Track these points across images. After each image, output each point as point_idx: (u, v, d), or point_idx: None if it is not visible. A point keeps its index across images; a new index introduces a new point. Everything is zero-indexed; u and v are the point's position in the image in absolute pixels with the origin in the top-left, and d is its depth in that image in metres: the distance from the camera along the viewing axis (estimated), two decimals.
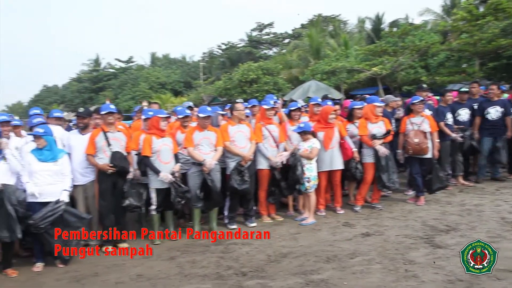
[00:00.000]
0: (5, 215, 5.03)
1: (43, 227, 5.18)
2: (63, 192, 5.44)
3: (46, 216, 5.20)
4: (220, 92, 27.59)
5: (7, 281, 5.14)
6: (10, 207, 5.05)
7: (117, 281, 4.94)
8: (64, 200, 5.42)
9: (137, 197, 5.95)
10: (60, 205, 5.34)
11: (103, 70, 55.92)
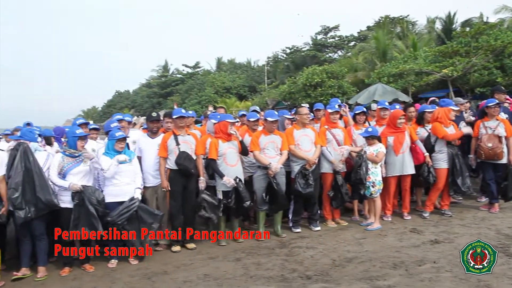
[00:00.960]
0: (86, 213, 5.39)
1: (120, 223, 5.49)
2: (136, 190, 5.75)
3: (122, 213, 5.53)
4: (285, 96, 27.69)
5: (85, 275, 5.49)
6: (90, 206, 5.40)
7: (185, 280, 5.12)
8: (138, 197, 5.73)
9: (211, 210, 6.12)
10: (134, 202, 5.65)
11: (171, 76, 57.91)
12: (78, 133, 5.56)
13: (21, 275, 5.39)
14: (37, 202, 5.17)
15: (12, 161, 5.16)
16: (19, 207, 5.11)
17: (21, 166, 5.15)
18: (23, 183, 5.13)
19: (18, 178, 5.12)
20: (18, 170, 5.14)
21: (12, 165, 5.14)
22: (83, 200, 5.39)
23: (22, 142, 5.32)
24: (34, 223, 5.30)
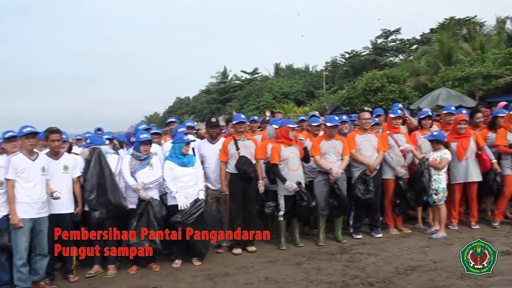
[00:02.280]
0: (146, 226, 5.63)
1: (190, 223, 5.67)
2: (200, 192, 5.93)
3: (191, 213, 5.71)
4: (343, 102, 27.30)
5: (151, 274, 5.72)
6: (153, 219, 5.65)
7: (247, 282, 5.21)
8: (203, 198, 5.92)
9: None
10: (200, 203, 5.85)
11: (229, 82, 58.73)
12: (142, 138, 5.81)
13: (94, 272, 5.71)
14: (108, 204, 5.46)
15: (88, 165, 5.49)
16: (94, 208, 5.44)
17: (95, 170, 5.48)
18: (97, 185, 5.45)
19: (93, 181, 5.46)
20: (93, 173, 5.47)
21: (88, 169, 5.47)
22: (148, 211, 5.66)
23: (96, 147, 5.65)
24: (106, 223, 5.60)
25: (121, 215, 5.68)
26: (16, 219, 4.95)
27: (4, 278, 5.17)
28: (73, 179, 5.56)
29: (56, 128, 5.40)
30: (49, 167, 5.28)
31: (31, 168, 5.07)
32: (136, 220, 5.61)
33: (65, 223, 5.48)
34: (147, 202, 5.68)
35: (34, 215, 5.07)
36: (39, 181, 5.13)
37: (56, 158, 5.45)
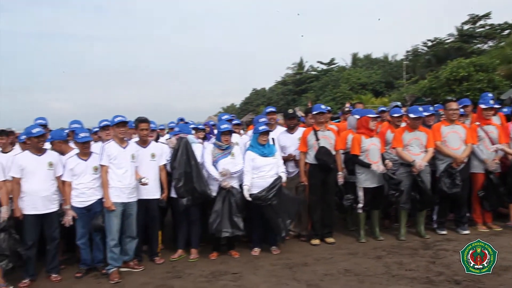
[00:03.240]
0: (228, 212, 5.76)
1: (271, 197, 5.76)
2: (281, 174, 6.01)
3: (270, 187, 5.81)
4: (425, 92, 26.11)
5: (231, 260, 5.88)
6: (233, 204, 5.78)
7: (326, 273, 5.19)
8: (283, 176, 5.99)
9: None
10: (279, 178, 5.93)
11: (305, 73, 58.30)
12: (223, 128, 5.95)
13: (178, 256, 5.98)
14: (194, 191, 5.67)
15: (176, 154, 5.72)
16: (182, 195, 5.67)
17: (183, 159, 5.70)
18: (184, 174, 5.67)
19: (181, 169, 5.68)
20: (180, 162, 5.69)
21: (176, 158, 5.71)
22: (229, 198, 5.80)
23: (183, 136, 5.87)
24: (191, 210, 5.83)
25: (205, 202, 5.87)
26: (109, 202, 5.30)
27: (98, 257, 5.58)
28: (160, 166, 5.84)
29: (144, 117, 5.68)
30: (138, 154, 5.58)
31: (122, 155, 5.38)
32: (218, 207, 5.76)
33: (152, 208, 5.78)
34: (228, 190, 5.82)
35: (125, 200, 5.39)
36: (129, 167, 5.44)
37: (145, 146, 5.74)
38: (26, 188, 5.23)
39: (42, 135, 5.36)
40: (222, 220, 5.71)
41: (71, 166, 5.43)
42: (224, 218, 5.72)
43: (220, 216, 5.72)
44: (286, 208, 5.89)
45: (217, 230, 5.71)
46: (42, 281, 5.40)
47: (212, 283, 5.07)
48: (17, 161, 5.27)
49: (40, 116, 6.60)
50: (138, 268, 5.63)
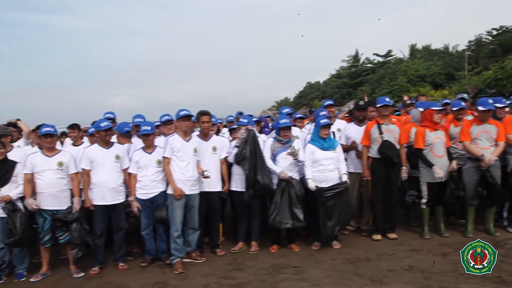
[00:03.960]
0: (288, 204, 5.75)
1: (327, 196, 5.74)
2: (343, 176, 5.92)
3: (332, 187, 5.78)
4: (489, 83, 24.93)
5: (291, 254, 5.88)
6: (293, 195, 5.76)
7: (389, 269, 5.07)
8: (347, 181, 5.91)
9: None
10: (344, 183, 5.86)
11: (361, 66, 57.21)
12: (282, 124, 5.92)
13: (238, 249, 6.05)
14: (256, 184, 5.70)
15: (244, 145, 5.77)
16: (249, 187, 5.73)
17: (250, 150, 5.74)
18: (251, 165, 5.72)
19: (251, 160, 5.72)
20: (248, 153, 5.74)
21: (244, 148, 5.76)
22: (289, 190, 5.77)
23: (251, 128, 5.91)
24: (253, 202, 5.88)
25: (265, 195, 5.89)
26: (178, 190, 5.42)
27: (162, 248, 5.75)
28: (221, 159, 5.92)
29: (206, 110, 5.77)
30: (200, 148, 5.68)
31: (185, 149, 5.50)
32: (277, 198, 5.76)
33: (213, 200, 5.87)
34: (287, 181, 5.80)
35: (187, 192, 5.50)
36: (191, 160, 5.55)
37: (206, 140, 5.83)
38: (95, 180, 5.47)
39: (110, 129, 5.58)
40: (282, 212, 5.71)
41: (136, 159, 5.62)
42: (284, 210, 5.71)
43: (280, 207, 5.71)
44: (339, 214, 5.81)
45: (277, 221, 5.71)
46: (110, 269, 5.63)
47: (274, 276, 5.08)
48: (87, 153, 5.51)
49: (109, 111, 6.87)
50: (200, 259, 5.74)
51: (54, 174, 5.33)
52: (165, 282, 5.12)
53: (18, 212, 5.28)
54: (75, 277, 5.43)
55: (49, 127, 5.44)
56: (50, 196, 5.32)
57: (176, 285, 5.02)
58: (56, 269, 5.71)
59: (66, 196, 5.43)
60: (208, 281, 5.05)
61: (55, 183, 5.33)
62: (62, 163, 5.39)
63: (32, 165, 5.32)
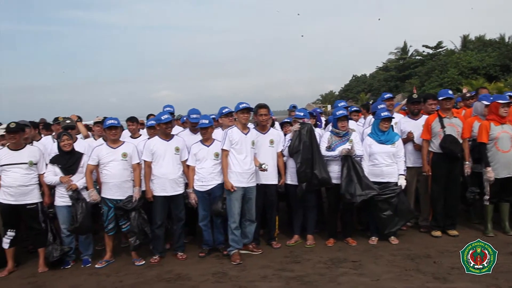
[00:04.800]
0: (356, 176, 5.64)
1: (382, 199, 5.70)
2: (400, 177, 5.80)
3: (385, 192, 5.72)
4: None
5: (348, 248, 5.82)
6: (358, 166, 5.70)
7: (453, 266, 4.92)
8: (402, 184, 5.79)
9: None
10: (396, 188, 5.76)
11: (409, 58, 55.60)
12: (339, 114, 5.86)
13: (294, 242, 6.06)
14: (312, 177, 5.67)
15: (299, 138, 5.75)
16: (302, 180, 5.71)
17: (306, 144, 5.71)
18: (306, 159, 5.69)
19: (304, 154, 5.70)
20: (304, 147, 5.71)
21: (299, 142, 5.74)
22: (353, 163, 5.69)
23: (307, 122, 5.89)
24: (309, 196, 5.86)
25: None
26: (228, 184, 5.49)
27: (220, 239, 5.84)
28: (277, 153, 5.93)
29: (264, 103, 5.79)
30: (257, 141, 5.71)
31: (243, 141, 5.54)
32: (345, 174, 5.70)
33: (270, 193, 5.89)
34: (348, 156, 5.71)
35: (245, 184, 5.55)
36: (249, 153, 5.59)
37: (264, 133, 5.86)
38: (156, 171, 5.61)
39: (170, 122, 5.70)
40: (352, 186, 5.62)
41: (195, 151, 5.72)
42: (354, 183, 5.62)
43: (350, 182, 5.63)
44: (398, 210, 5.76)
45: (351, 196, 5.62)
46: (169, 258, 5.78)
47: (332, 270, 5.06)
48: (148, 145, 5.66)
49: (168, 104, 7.02)
50: (257, 251, 5.79)
51: (118, 165, 5.52)
52: (224, 272, 5.20)
53: (81, 200, 5.50)
54: (137, 264, 5.61)
55: (113, 119, 5.63)
56: (114, 186, 5.52)
57: (235, 275, 5.09)
58: (119, 257, 5.91)
59: (130, 186, 5.61)
60: (266, 273, 5.09)
61: (119, 173, 5.52)
62: (126, 154, 5.57)
63: (98, 156, 5.52)
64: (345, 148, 5.67)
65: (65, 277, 5.39)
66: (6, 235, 5.49)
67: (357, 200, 5.62)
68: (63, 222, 5.59)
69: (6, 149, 5.50)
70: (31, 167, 5.47)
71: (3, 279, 5.39)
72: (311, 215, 6.01)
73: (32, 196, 5.49)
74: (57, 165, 5.54)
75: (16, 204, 5.41)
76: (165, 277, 5.15)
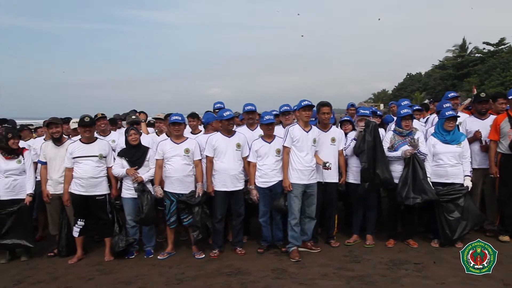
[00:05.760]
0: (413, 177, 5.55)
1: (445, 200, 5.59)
2: (465, 178, 5.64)
3: (448, 193, 5.59)
4: None
5: (409, 249, 5.70)
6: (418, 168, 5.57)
7: None
8: (468, 185, 5.63)
9: None
10: (463, 189, 5.59)
11: (468, 56, 53.45)
12: (403, 113, 5.74)
13: (353, 241, 6.00)
14: (375, 177, 5.59)
15: (363, 137, 5.68)
16: (365, 180, 5.66)
17: (370, 143, 5.64)
18: (370, 158, 5.63)
19: (368, 153, 5.63)
20: (368, 146, 5.64)
21: (363, 140, 5.68)
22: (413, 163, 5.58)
23: (372, 120, 5.82)
24: (370, 195, 5.80)
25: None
26: (287, 182, 5.52)
27: (278, 236, 5.88)
28: (338, 151, 5.88)
29: (326, 101, 5.76)
30: (319, 138, 5.69)
31: (304, 139, 5.54)
32: (404, 174, 5.62)
33: (330, 191, 5.87)
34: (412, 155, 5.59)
35: (305, 181, 5.56)
36: (310, 151, 5.58)
37: (325, 131, 5.83)
38: (217, 167, 5.71)
39: (232, 118, 5.79)
40: (410, 187, 5.51)
41: (256, 148, 5.77)
42: (411, 185, 5.51)
43: (407, 183, 5.53)
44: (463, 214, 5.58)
45: (406, 197, 5.51)
46: (228, 253, 5.87)
47: (394, 271, 4.97)
48: (210, 141, 5.77)
49: (218, 101, 7.14)
50: (315, 249, 5.78)
51: (181, 160, 5.67)
52: (283, 269, 5.22)
53: (146, 192, 5.70)
54: (197, 258, 5.73)
55: (178, 115, 5.79)
56: (177, 181, 5.67)
57: (295, 272, 5.10)
58: (179, 249, 6.07)
59: (191, 181, 5.75)
60: (326, 271, 5.07)
61: (182, 168, 5.67)
62: (188, 149, 5.71)
63: (163, 151, 5.70)
64: (408, 150, 5.55)
65: (130, 266, 5.60)
66: (76, 224, 5.77)
67: (410, 203, 5.51)
68: (129, 214, 5.82)
69: (79, 142, 5.78)
70: (101, 160, 5.72)
71: (74, 266, 5.68)
72: (372, 215, 5.94)
73: (101, 188, 5.75)
74: (125, 158, 5.77)
75: (86, 195, 5.68)
76: (225, 271, 5.23)
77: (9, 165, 5.81)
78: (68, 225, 5.90)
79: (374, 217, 5.95)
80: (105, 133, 6.79)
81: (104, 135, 6.68)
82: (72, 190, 5.70)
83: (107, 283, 5.05)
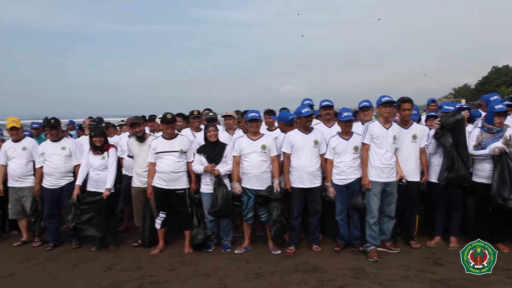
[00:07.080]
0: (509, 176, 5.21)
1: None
2: None
3: None
4: None
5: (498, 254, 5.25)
6: None
7: None
8: None
9: None
10: None
11: None
12: (497, 109, 5.39)
13: (435, 243, 5.74)
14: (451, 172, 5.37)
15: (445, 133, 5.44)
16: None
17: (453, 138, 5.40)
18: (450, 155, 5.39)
19: (452, 149, 5.40)
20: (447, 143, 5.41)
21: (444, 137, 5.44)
22: (507, 163, 5.26)
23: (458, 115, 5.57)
24: (455, 195, 5.54)
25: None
26: (366, 180, 5.41)
27: (355, 234, 5.77)
28: (420, 148, 5.65)
29: (408, 97, 5.56)
30: (399, 135, 5.51)
31: (384, 136, 5.39)
32: (497, 174, 5.29)
33: (411, 191, 5.65)
34: (502, 153, 5.26)
35: (385, 179, 5.41)
36: (389, 148, 5.42)
37: (406, 128, 5.62)
38: (294, 164, 5.70)
39: (310, 115, 5.76)
40: (506, 188, 5.17)
41: (333, 145, 5.70)
42: (508, 185, 5.17)
43: (503, 184, 5.19)
44: None
45: (504, 200, 5.17)
46: (304, 250, 5.85)
47: (482, 277, 4.60)
48: (288, 138, 5.77)
49: (307, 97, 7.10)
50: (394, 250, 5.61)
51: (258, 157, 5.73)
52: (361, 268, 5.12)
53: (222, 186, 5.82)
54: (273, 253, 5.77)
55: (254, 112, 5.86)
56: (254, 177, 5.74)
57: (373, 272, 4.98)
58: (255, 245, 6.14)
59: (268, 177, 5.80)
60: (407, 273, 4.90)
61: (258, 165, 5.73)
62: (265, 146, 5.75)
63: (240, 148, 5.79)
64: (498, 147, 5.20)
65: (208, 259, 5.76)
66: (158, 216, 6.03)
67: (509, 205, 5.15)
68: (207, 208, 5.98)
69: (161, 138, 6.03)
70: (181, 155, 5.93)
71: (156, 256, 5.93)
72: (457, 216, 5.64)
73: (181, 182, 5.96)
74: (203, 155, 5.93)
75: (167, 188, 5.91)
76: (301, 268, 5.22)
77: (95, 160, 6.18)
78: (151, 217, 6.18)
79: (459, 218, 5.65)
80: (197, 129, 6.87)
81: (197, 132, 6.81)
82: (154, 184, 5.95)
83: (188, 274, 5.23)
